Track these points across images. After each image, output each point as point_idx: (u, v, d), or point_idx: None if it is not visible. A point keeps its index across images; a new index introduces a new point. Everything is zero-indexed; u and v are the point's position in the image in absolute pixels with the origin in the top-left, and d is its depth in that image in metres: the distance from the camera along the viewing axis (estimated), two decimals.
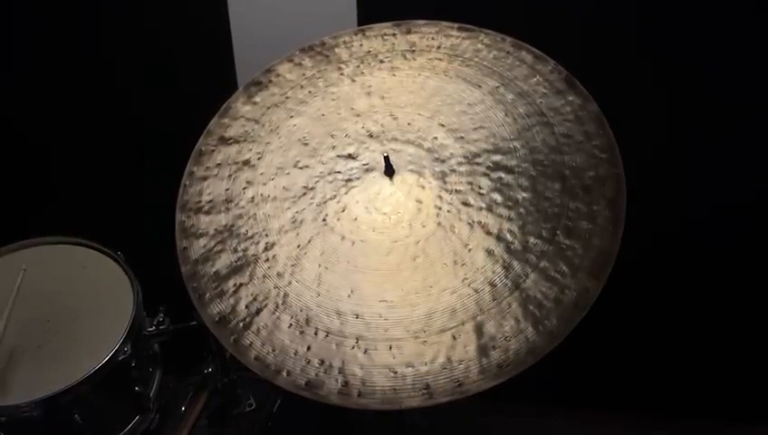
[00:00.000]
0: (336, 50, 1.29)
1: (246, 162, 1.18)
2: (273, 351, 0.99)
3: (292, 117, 1.22)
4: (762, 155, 1.57)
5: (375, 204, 1.11)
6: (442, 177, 1.11)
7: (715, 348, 1.76)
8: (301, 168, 1.16)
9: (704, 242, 1.68)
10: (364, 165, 1.15)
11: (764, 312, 1.72)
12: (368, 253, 1.06)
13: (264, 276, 1.06)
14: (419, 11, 1.29)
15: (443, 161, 1.13)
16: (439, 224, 1.07)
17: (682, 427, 1.83)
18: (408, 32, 1.29)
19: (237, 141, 1.21)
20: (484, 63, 1.22)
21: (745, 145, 1.57)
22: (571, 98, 1.15)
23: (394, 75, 1.24)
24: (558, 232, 1.03)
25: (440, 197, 1.09)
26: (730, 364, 1.77)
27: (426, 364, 0.96)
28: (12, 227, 1.46)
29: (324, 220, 1.10)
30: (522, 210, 1.06)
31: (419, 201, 1.10)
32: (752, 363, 1.77)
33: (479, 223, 1.06)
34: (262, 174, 1.17)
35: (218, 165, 1.19)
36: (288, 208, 1.12)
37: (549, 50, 1.21)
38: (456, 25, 1.27)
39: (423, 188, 1.11)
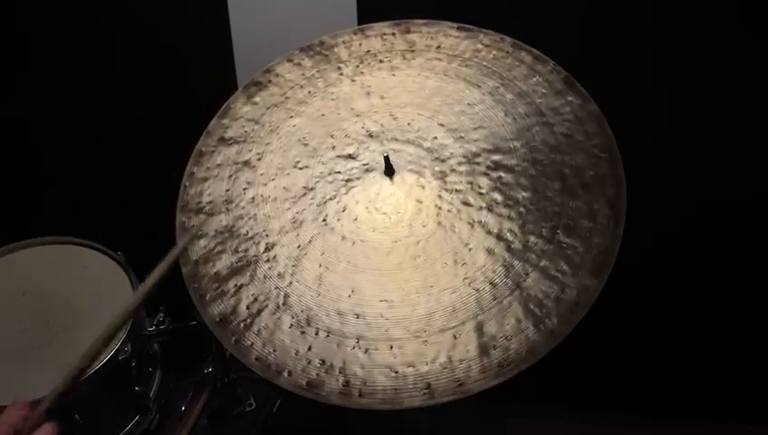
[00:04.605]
0: (336, 49, 1.29)
1: (246, 163, 1.18)
2: (275, 351, 0.99)
3: (291, 117, 1.22)
4: (762, 155, 1.57)
5: (375, 204, 1.10)
6: (442, 176, 1.11)
7: (716, 348, 1.77)
8: (301, 168, 1.16)
9: (704, 242, 1.68)
10: (364, 165, 1.15)
11: (764, 312, 1.72)
12: (368, 253, 1.06)
13: (265, 277, 1.06)
14: (419, 10, 1.29)
15: (443, 161, 1.13)
16: (439, 224, 1.07)
17: (682, 427, 1.83)
18: (408, 31, 1.29)
19: (237, 142, 1.21)
20: (484, 63, 1.22)
21: (745, 145, 1.58)
22: (570, 98, 1.15)
23: (394, 75, 1.24)
24: (558, 231, 1.03)
25: (440, 196, 1.09)
26: (730, 364, 1.77)
27: (426, 364, 0.96)
28: (12, 227, 1.46)
29: (324, 220, 1.10)
30: (522, 209, 1.06)
31: (419, 201, 1.10)
32: (752, 364, 1.78)
33: (479, 222, 1.06)
34: (262, 174, 1.16)
35: (218, 166, 1.19)
36: (288, 209, 1.12)
37: (548, 50, 1.21)
38: (455, 25, 1.27)
39: (423, 187, 1.11)
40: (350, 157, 1.16)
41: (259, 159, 1.18)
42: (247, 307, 1.04)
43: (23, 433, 0.88)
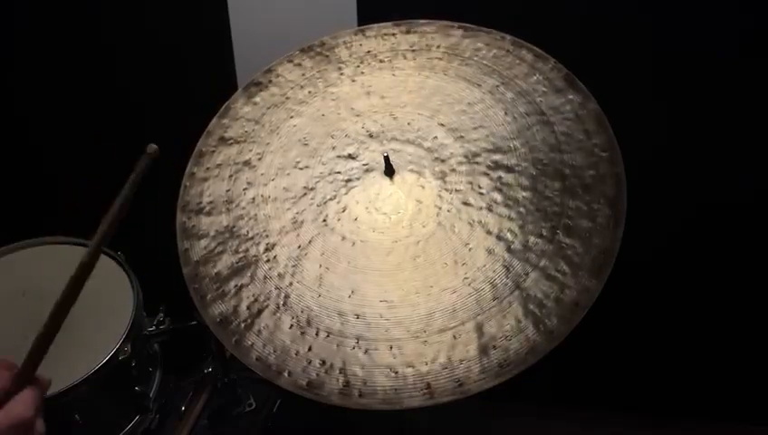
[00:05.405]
0: (336, 50, 1.29)
1: (247, 163, 1.18)
2: (275, 351, 0.99)
3: (292, 117, 1.22)
4: (762, 155, 1.57)
5: (375, 204, 1.10)
6: (442, 176, 1.11)
7: (716, 348, 1.77)
8: (301, 168, 1.16)
9: (704, 242, 1.68)
10: (364, 165, 1.15)
11: (764, 312, 1.72)
12: (368, 253, 1.06)
13: (265, 277, 1.06)
14: (419, 10, 1.29)
15: (443, 161, 1.13)
16: (439, 224, 1.07)
17: (682, 427, 1.84)
18: (408, 31, 1.29)
19: (238, 142, 1.21)
20: (484, 62, 1.22)
21: (745, 145, 1.58)
22: (571, 96, 1.15)
23: (394, 75, 1.24)
24: (558, 231, 1.03)
25: (440, 196, 1.09)
26: (730, 364, 1.78)
27: (426, 364, 0.96)
28: (12, 227, 1.46)
29: (325, 221, 1.10)
30: (522, 209, 1.06)
31: (419, 201, 1.09)
32: (752, 364, 1.78)
33: (479, 222, 1.06)
34: (262, 175, 1.16)
35: (219, 166, 1.19)
36: (288, 209, 1.12)
37: (549, 48, 1.21)
38: (455, 24, 1.27)
39: (423, 187, 1.11)
40: (350, 157, 1.16)
41: (259, 160, 1.18)
42: (248, 308, 1.04)
43: (10, 394, 0.85)
